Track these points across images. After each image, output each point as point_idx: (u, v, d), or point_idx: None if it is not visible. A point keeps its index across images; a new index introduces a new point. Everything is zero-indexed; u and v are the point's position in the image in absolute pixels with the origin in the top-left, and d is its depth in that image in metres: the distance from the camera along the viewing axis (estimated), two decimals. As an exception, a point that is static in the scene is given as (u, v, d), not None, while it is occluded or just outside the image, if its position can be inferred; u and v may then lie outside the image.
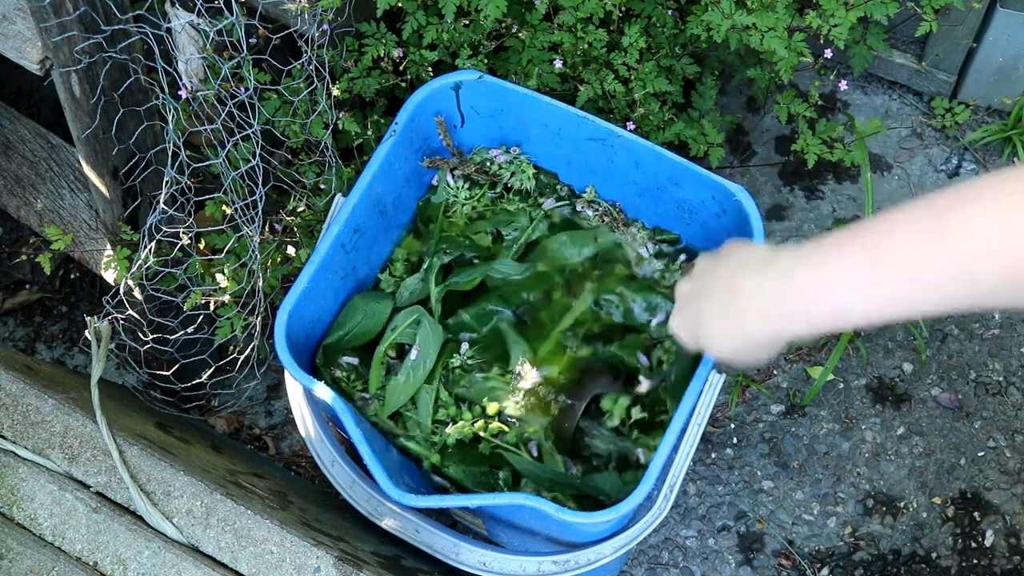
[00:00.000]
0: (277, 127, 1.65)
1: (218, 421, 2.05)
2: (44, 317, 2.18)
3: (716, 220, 1.56)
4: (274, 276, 1.72)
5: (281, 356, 1.42)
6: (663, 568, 1.91)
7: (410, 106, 1.56)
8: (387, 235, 1.64)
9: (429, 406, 1.54)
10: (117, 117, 1.47)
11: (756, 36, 1.61)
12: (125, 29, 1.39)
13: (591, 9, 1.66)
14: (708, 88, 1.88)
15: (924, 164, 2.17)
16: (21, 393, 1.48)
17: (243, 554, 1.40)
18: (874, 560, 1.90)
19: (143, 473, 1.44)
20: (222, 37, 1.42)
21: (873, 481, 1.95)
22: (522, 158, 1.65)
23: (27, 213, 1.84)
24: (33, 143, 1.84)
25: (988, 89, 2.11)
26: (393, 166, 1.57)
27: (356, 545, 1.53)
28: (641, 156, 1.56)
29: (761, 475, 1.96)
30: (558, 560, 1.45)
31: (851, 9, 1.64)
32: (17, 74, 2.31)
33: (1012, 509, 1.91)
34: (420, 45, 1.73)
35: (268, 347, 1.85)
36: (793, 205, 2.15)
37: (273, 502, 1.55)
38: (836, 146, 1.84)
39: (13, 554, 1.37)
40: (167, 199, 1.51)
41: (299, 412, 1.56)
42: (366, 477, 1.51)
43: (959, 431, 1.98)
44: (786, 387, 2.02)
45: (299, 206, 1.71)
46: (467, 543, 1.47)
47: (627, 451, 1.51)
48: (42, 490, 1.42)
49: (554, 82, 1.75)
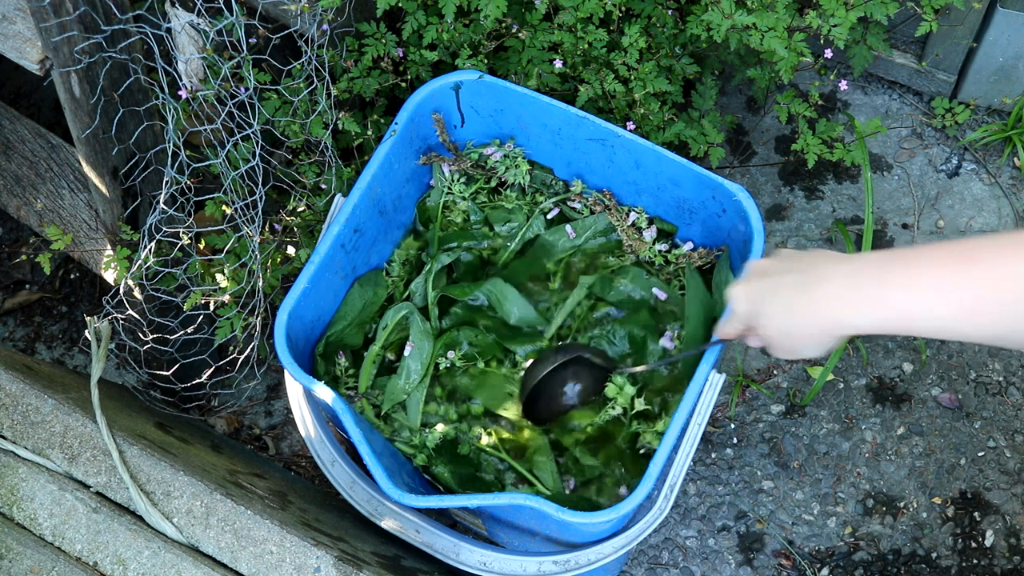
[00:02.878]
0: (277, 127, 1.65)
1: (218, 421, 2.05)
2: (44, 317, 2.18)
3: (716, 220, 1.56)
4: (274, 276, 1.72)
5: (281, 356, 1.42)
6: (663, 568, 1.91)
7: (410, 106, 1.57)
8: (387, 235, 1.64)
9: (419, 405, 1.55)
10: (117, 117, 1.46)
11: (756, 36, 1.61)
12: (125, 29, 1.39)
13: (591, 9, 1.66)
14: (708, 88, 1.88)
15: (924, 164, 2.17)
16: (21, 393, 1.48)
17: (243, 554, 1.40)
18: (874, 560, 1.90)
19: (143, 473, 1.44)
20: (222, 37, 1.42)
21: (873, 481, 1.95)
22: (516, 151, 1.66)
23: (27, 213, 1.84)
24: (33, 143, 1.84)
25: (988, 89, 2.11)
26: (393, 166, 1.57)
27: (356, 545, 1.53)
28: (641, 156, 1.56)
29: (761, 475, 1.96)
30: (558, 560, 1.45)
31: (851, 9, 1.64)
32: (17, 74, 2.30)
33: (1012, 509, 1.91)
34: (420, 45, 1.73)
35: (268, 347, 1.85)
36: (793, 205, 2.15)
37: (273, 502, 1.55)
38: (836, 146, 1.84)
39: (13, 554, 1.37)
40: (167, 199, 1.51)
41: (299, 412, 1.56)
42: (366, 477, 1.51)
43: (959, 431, 1.98)
44: (786, 387, 2.02)
45: (299, 206, 1.71)
46: (467, 543, 1.47)
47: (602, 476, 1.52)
48: (42, 490, 1.42)
49: (554, 82, 1.75)
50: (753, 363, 2.04)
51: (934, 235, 2.11)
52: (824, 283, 1.05)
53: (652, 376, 1.55)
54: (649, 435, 1.51)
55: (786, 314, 1.09)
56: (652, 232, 1.62)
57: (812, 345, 1.09)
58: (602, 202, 1.63)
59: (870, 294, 1.01)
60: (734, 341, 1.33)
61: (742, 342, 1.26)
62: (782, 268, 1.12)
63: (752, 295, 1.14)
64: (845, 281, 1.04)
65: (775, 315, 1.10)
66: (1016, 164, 2.15)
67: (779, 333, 1.11)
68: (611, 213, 1.62)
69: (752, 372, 2.03)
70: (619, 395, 1.53)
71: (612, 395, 1.53)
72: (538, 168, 1.68)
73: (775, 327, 1.11)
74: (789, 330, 1.09)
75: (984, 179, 2.15)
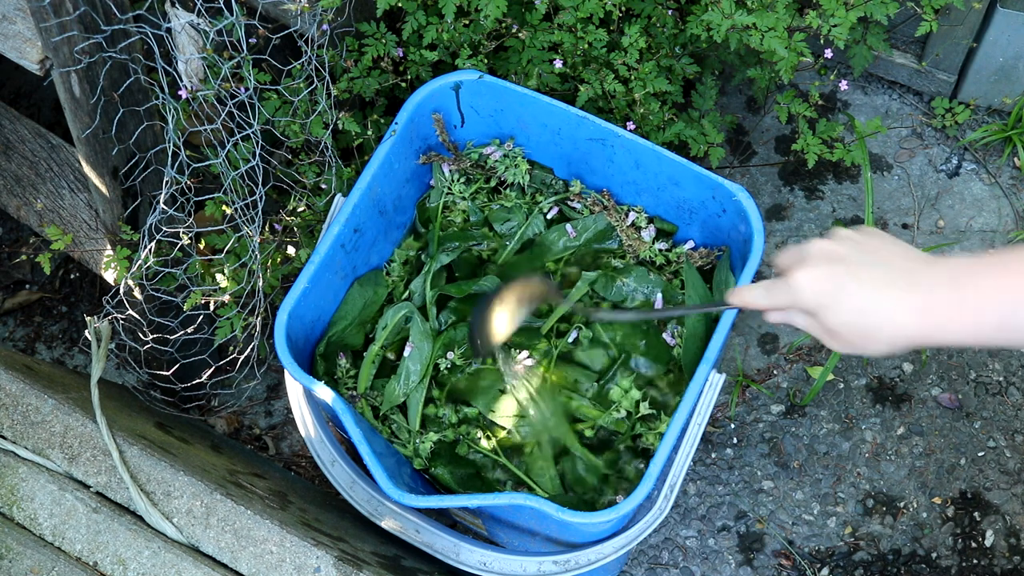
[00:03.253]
0: (277, 127, 1.65)
1: (218, 421, 2.05)
2: (44, 317, 2.18)
3: (716, 220, 1.56)
4: (274, 276, 1.73)
5: (281, 356, 1.42)
6: (663, 568, 1.91)
7: (410, 106, 1.56)
8: (387, 235, 1.64)
9: (419, 407, 1.55)
10: (117, 117, 1.46)
11: (756, 36, 1.61)
12: (125, 29, 1.39)
13: (591, 9, 1.66)
14: (708, 88, 1.88)
15: (924, 164, 2.17)
16: (21, 393, 1.48)
17: (243, 554, 1.40)
18: (874, 560, 1.90)
19: (143, 473, 1.44)
20: (222, 37, 1.42)
21: (873, 481, 1.95)
22: (516, 150, 1.66)
23: (27, 213, 1.84)
24: (33, 143, 1.84)
25: (988, 89, 2.11)
26: (393, 166, 1.57)
27: (356, 545, 1.53)
28: (641, 156, 1.56)
29: (761, 475, 1.96)
30: (558, 560, 1.45)
31: (851, 9, 1.64)
32: (17, 74, 2.30)
33: (1012, 509, 1.91)
34: (420, 45, 1.73)
35: (268, 347, 1.85)
36: (793, 205, 2.15)
37: (273, 502, 1.54)
38: (836, 146, 1.84)
39: (13, 554, 1.37)
40: (167, 199, 1.51)
41: (299, 412, 1.56)
42: (366, 477, 1.51)
43: (959, 431, 1.98)
44: (786, 387, 2.02)
45: (299, 206, 1.71)
46: (467, 543, 1.47)
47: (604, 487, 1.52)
48: (42, 490, 1.42)
49: (554, 82, 1.75)
50: (753, 363, 2.04)
51: (934, 235, 2.11)
52: (918, 288, 0.99)
53: (651, 376, 1.55)
54: (650, 436, 1.51)
55: (867, 311, 1.01)
56: (651, 231, 1.62)
57: (883, 349, 1.02)
58: (600, 202, 1.63)
59: (971, 306, 0.96)
60: (742, 311, 1.25)
61: (753, 319, 1.20)
62: (859, 258, 1.03)
63: (824, 282, 1.03)
64: (946, 293, 0.98)
65: (851, 310, 1.01)
66: (1016, 164, 2.15)
67: (849, 329, 1.02)
68: (610, 213, 1.62)
69: (752, 372, 2.03)
70: (623, 398, 1.53)
71: (617, 398, 1.53)
72: (538, 168, 1.68)
73: (846, 321, 1.02)
74: (865, 329, 1.01)
75: (984, 179, 2.15)
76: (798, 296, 1.05)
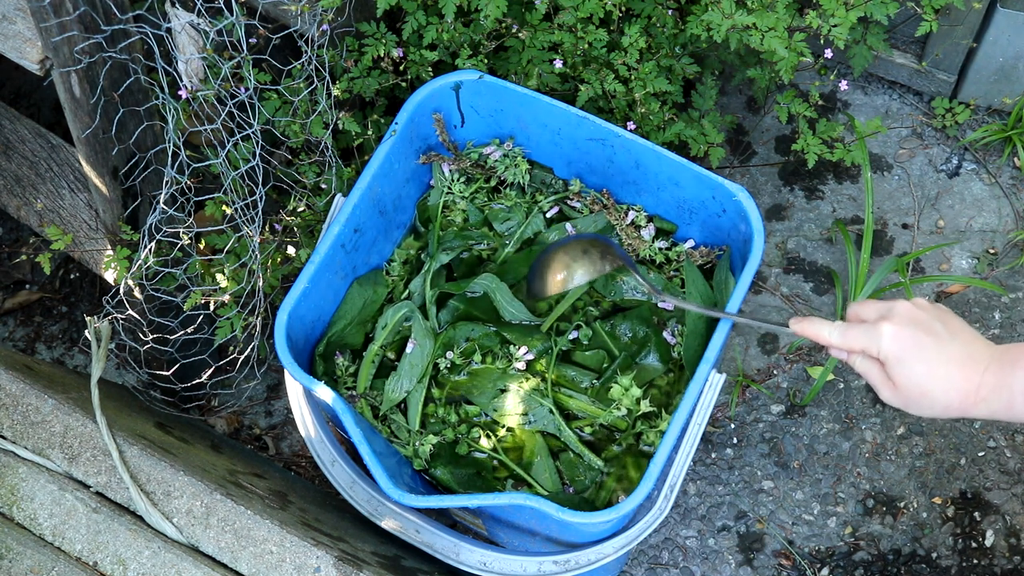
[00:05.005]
0: (277, 127, 1.65)
1: (218, 421, 2.05)
2: (44, 317, 2.18)
3: (716, 220, 1.56)
4: (274, 276, 1.73)
5: (281, 356, 1.42)
6: (663, 568, 1.91)
7: (410, 106, 1.57)
8: (387, 235, 1.64)
9: (419, 406, 1.55)
10: (117, 117, 1.46)
11: (756, 36, 1.61)
12: (125, 29, 1.39)
13: (591, 9, 1.66)
14: (708, 88, 1.88)
15: (924, 164, 2.17)
16: (21, 393, 1.48)
17: (243, 554, 1.40)
18: (874, 560, 1.90)
19: (143, 473, 1.44)
20: (222, 37, 1.42)
21: (873, 481, 1.95)
22: (516, 150, 1.66)
23: (27, 213, 1.85)
24: (33, 143, 1.84)
25: (988, 89, 2.11)
26: (393, 166, 1.57)
27: (356, 545, 1.53)
28: (641, 156, 1.56)
29: (761, 475, 1.96)
30: (558, 560, 1.45)
31: (851, 9, 1.64)
32: (17, 74, 2.30)
33: (1012, 509, 1.91)
34: (420, 45, 1.73)
35: (268, 347, 1.85)
36: (793, 205, 2.15)
37: (273, 502, 1.55)
38: (836, 146, 1.84)
39: (13, 554, 1.37)
40: (167, 199, 1.51)
41: (299, 412, 1.56)
42: (366, 477, 1.51)
43: (959, 431, 1.98)
44: (786, 387, 2.02)
45: (299, 206, 1.71)
46: (467, 543, 1.47)
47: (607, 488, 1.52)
48: (42, 490, 1.42)
49: (554, 82, 1.75)
50: (753, 363, 2.04)
51: (934, 235, 2.11)
52: (976, 368, 1.14)
53: (652, 374, 1.56)
54: (651, 434, 1.51)
55: (936, 377, 1.14)
56: (650, 230, 1.63)
57: (936, 411, 1.15)
58: (600, 201, 1.63)
59: (1015, 390, 1.12)
60: (794, 337, 1.33)
61: (798, 344, 1.29)
62: (939, 328, 1.16)
63: (907, 340, 1.16)
64: (992, 379, 1.13)
65: (922, 374, 1.14)
66: (1016, 164, 2.15)
67: (913, 385, 1.15)
68: (609, 212, 1.62)
69: (752, 372, 2.03)
70: (624, 396, 1.53)
71: (617, 396, 1.53)
72: (538, 168, 1.68)
73: (914, 380, 1.15)
74: (929, 391, 1.14)
75: (984, 179, 2.15)
76: (880, 344, 1.17)
